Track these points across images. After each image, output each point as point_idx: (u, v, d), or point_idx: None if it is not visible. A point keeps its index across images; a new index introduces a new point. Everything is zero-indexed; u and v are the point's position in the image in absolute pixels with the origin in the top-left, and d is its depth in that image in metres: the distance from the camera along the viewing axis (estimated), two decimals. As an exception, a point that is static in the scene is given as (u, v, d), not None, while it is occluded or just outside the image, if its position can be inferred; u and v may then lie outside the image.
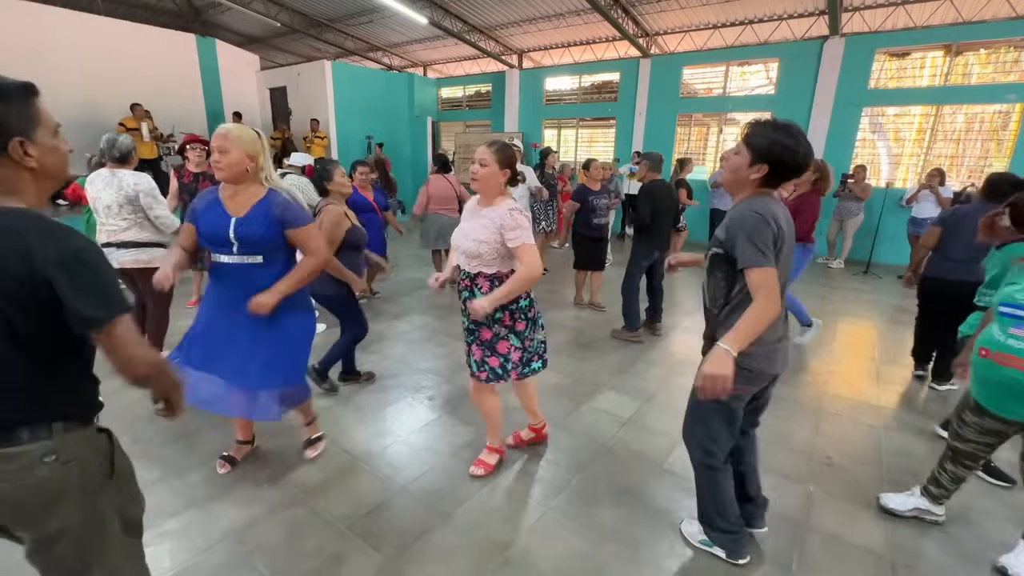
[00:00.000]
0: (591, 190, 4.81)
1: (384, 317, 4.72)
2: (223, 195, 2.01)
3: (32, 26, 8.61)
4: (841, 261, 7.61)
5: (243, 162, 1.94)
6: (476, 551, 1.97)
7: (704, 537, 2.00)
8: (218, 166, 1.93)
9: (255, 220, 1.96)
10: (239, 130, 1.95)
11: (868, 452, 2.74)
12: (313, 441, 2.56)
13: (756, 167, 1.62)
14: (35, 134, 1.01)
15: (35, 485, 1.01)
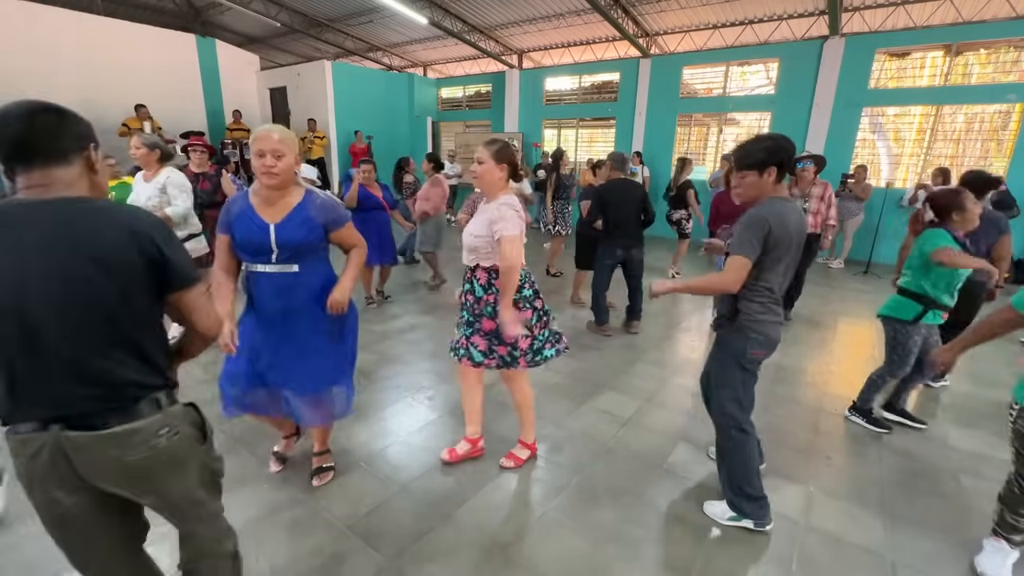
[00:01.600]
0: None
1: (384, 317, 4.72)
2: (255, 200, 1.87)
3: (32, 26, 8.61)
4: (841, 261, 7.61)
5: (294, 166, 1.84)
6: (476, 551, 1.97)
7: (732, 514, 2.13)
8: (272, 172, 1.78)
9: (295, 224, 1.86)
10: (285, 130, 1.83)
11: (868, 452, 2.74)
12: (324, 470, 2.37)
13: (767, 171, 1.90)
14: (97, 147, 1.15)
15: (157, 455, 1.14)
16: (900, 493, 2.39)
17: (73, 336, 1.04)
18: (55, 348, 1.04)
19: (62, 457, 1.06)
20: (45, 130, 1.05)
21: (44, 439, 1.05)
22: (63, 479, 1.08)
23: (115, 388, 1.09)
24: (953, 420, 3.11)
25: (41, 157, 1.05)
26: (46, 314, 1.02)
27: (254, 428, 2.70)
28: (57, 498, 1.09)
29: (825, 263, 7.65)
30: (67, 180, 1.07)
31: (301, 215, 1.87)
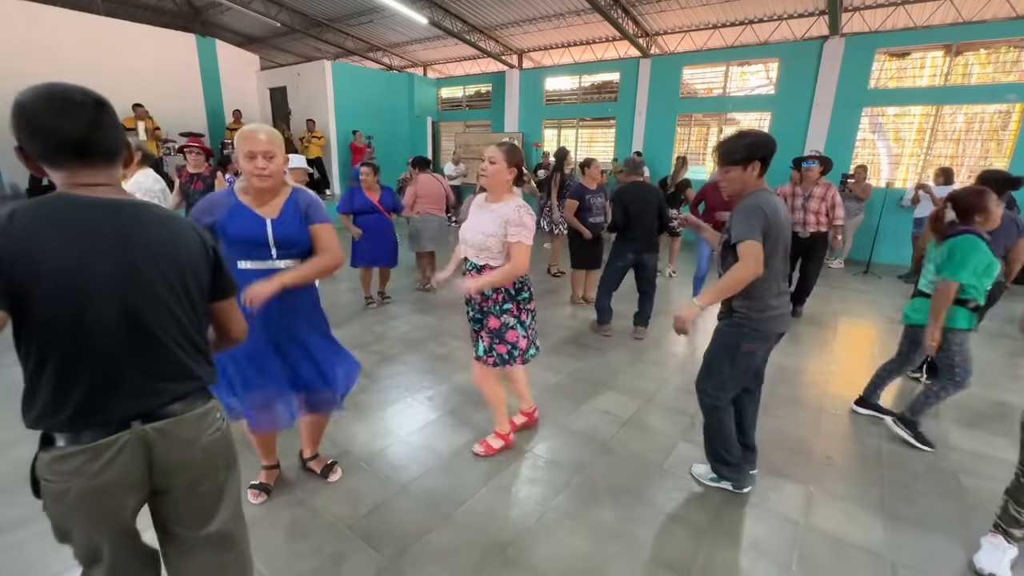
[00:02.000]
0: (588, 189, 4.83)
1: (384, 317, 4.72)
2: (245, 199, 1.84)
3: (32, 26, 8.61)
4: (841, 261, 7.61)
5: (283, 166, 1.83)
6: (476, 551, 1.97)
7: (713, 475, 2.37)
8: (264, 174, 1.76)
9: (289, 219, 1.85)
10: (272, 129, 1.82)
11: (868, 452, 2.74)
12: (331, 466, 2.39)
13: (751, 166, 2.00)
14: None
15: (224, 436, 1.22)
16: (900, 493, 2.39)
17: (169, 333, 1.09)
18: (155, 344, 1.07)
19: (142, 453, 1.08)
20: (110, 125, 1.04)
21: (126, 438, 1.05)
22: (135, 480, 1.08)
23: (190, 380, 1.15)
24: (953, 420, 3.10)
25: (104, 155, 1.04)
26: (148, 313, 1.05)
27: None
28: (124, 503, 1.09)
29: (825, 263, 7.64)
30: (117, 179, 1.09)
31: (291, 209, 1.87)
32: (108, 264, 1.00)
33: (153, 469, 1.10)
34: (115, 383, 1.04)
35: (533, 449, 2.68)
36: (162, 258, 1.07)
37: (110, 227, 1.01)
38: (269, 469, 2.30)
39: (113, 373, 1.03)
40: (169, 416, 1.10)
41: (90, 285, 0.99)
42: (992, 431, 2.98)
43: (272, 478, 2.30)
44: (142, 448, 1.07)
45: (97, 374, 1.02)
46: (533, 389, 3.36)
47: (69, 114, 0.97)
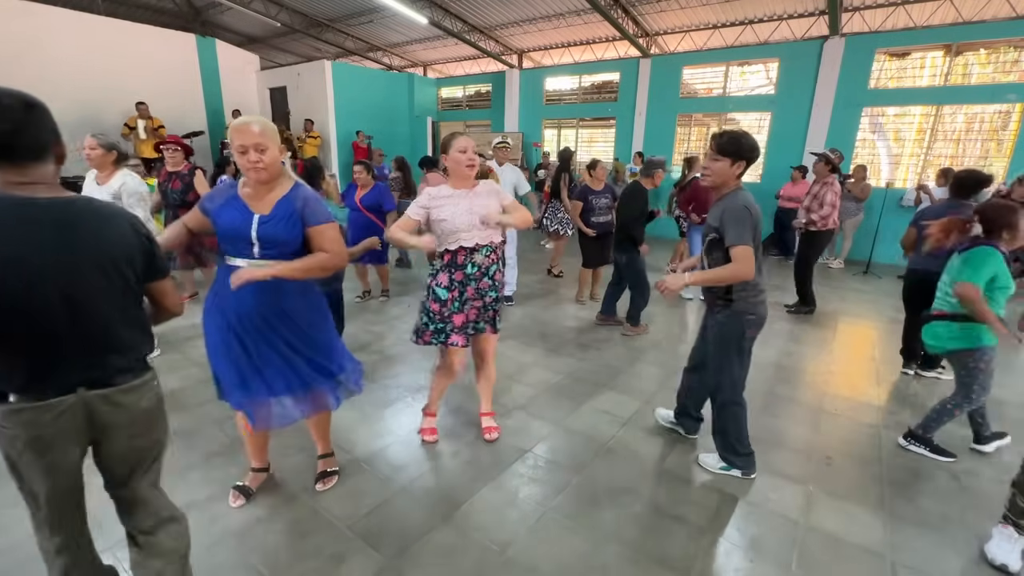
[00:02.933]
0: (592, 190, 4.88)
1: (384, 317, 4.72)
2: (243, 192, 1.81)
3: (32, 26, 8.60)
4: (841, 261, 7.62)
5: (279, 158, 1.76)
6: (476, 551, 1.97)
7: (723, 464, 2.48)
8: (259, 167, 1.71)
9: (280, 218, 1.77)
10: (265, 121, 1.75)
11: (868, 452, 2.74)
12: (328, 474, 2.34)
13: (738, 164, 2.18)
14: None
15: (159, 401, 1.42)
16: (900, 493, 2.39)
17: (107, 314, 1.25)
18: (94, 325, 1.23)
19: (84, 413, 1.24)
20: (37, 126, 1.13)
21: (70, 401, 1.22)
22: (79, 434, 1.26)
23: (132, 352, 1.33)
24: (953, 420, 3.09)
25: (31, 153, 1.13)
26: (87, 298, 1.20)
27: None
28: (68, 452, 1.26)
29: (825, 263, 7.65)
30: (48, 176, 1.19)
31: (286, 208, 1.78)
32: (48, 257, 1.14)
33: (93, 427, 1.28)
34: (59, 357, 1.21)
35: (533, 449, 2.68)
36: (96, 248, 1.21)
37: (47, 223, 1.14)
38: (256, 472, 2.27)
39: (57, 350, 1.20)
40: (112, 385, 1.28)
41: (32, 276, 1.12)
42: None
43: (256, 482, 2.26)
44: (84, 410, 1.24)
45: (43, 351, 1.19)
46: (533, 389, 3.36)
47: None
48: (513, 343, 4.13)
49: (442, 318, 2.40)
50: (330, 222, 1.88)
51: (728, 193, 2.23)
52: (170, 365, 3.50)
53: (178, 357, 3.66)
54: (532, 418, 2.99)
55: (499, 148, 4.97)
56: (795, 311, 5.11)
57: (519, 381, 3.46)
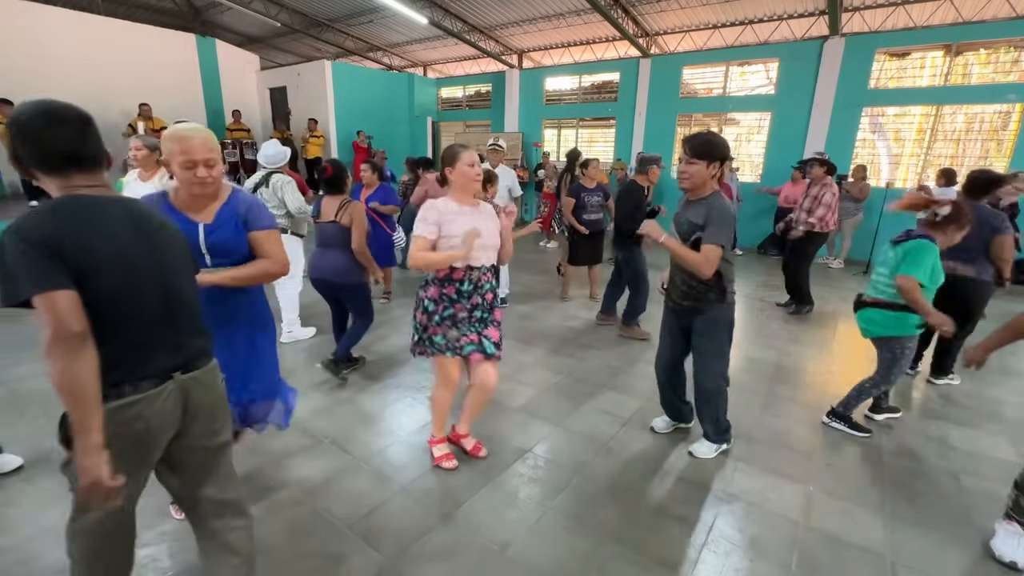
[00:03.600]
0: (585, 187, 4.97)
1: (386, 318, 4.72)
2: (176, 200, 1.71)
3: (32, 26, 8.61)
4: (841, 261, 7.62)
5: (222, 169, 1.71)
6: (476, 551, 1.97)
7: (715, 446, 2.61)
8: (207, 181, 1.64)
9: (225, 224, 1.72)
10: (207, 132, 1.67)
11: (868, 452, 2.74)
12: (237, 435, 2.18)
13: (713, 166, 2.26)
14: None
15: (223, 387, 1.48)
16: (900, 493, 2.39)
17: (191, 301, 1.37)
18: (184, 311, 1.34)
19: (182, 398, 1.31)
20: (96, 136, 1.23)
21: (172, 387, 1.28)
22: (176, 419, 1.32)
23: (205, 336, 1.42)
24: (953, 420, 3.10)
25: (95, 160, 1.23)
26: (176, 285, 1.32)
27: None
28: (165, 440, 1.32)
29: (825, 263, 7.65)
30: (105, 180, 1.28)
31: (229, 214, 1.73)
32: (142, 248, 1.24)
33: (186, 412, 1.33)
34: (159, 345, 1.28)
35: (533, 449, 2.68)
36: (171, 241, 1.33)
37: (130, 219, 1.24)
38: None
39: (159, 334, 1.28)
40: (200, 367, 1.36)
41: (134, 266, 1.22)
42: (992, 431, 2.98)
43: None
44: (181, 394, 1.31)
45: (149, 336, 1.26)
46: (533, 389, 3.36)
47: (63, 129, 1.17)
48: (513, 343, 4.13)
49: (428, 330, 2.31)
50: (273, 228, 1.83)
51: (712, 194, 2.30)
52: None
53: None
54: (532, 418, 2.99)
55: (492, 151, 4.96)
56: (795, 311, 5.12)
57: (519, 381, 3.46)
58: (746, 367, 3.84)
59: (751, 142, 9.38)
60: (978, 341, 2.02)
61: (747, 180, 8.96)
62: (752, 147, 9.33)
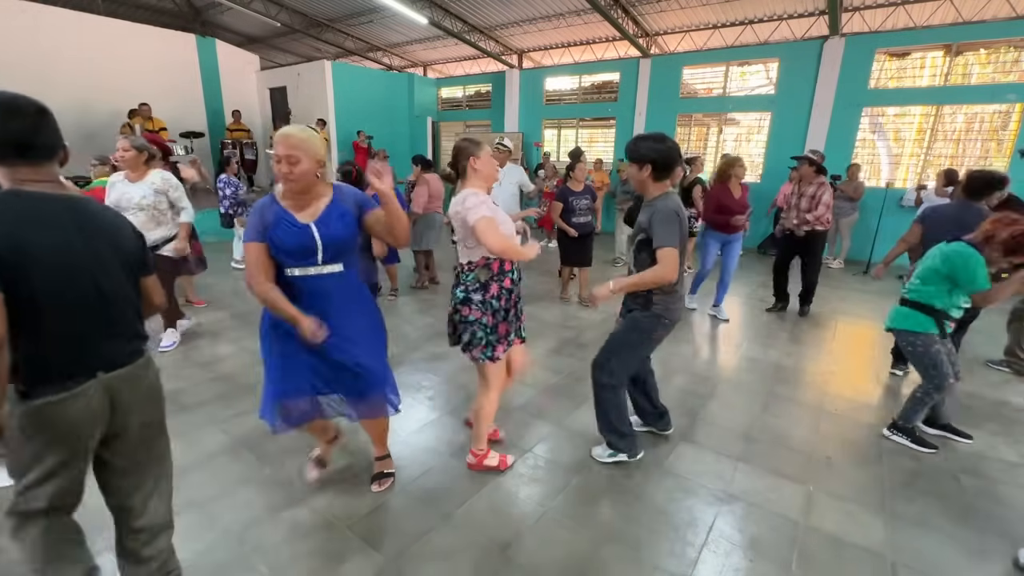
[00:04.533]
0: (572, 191, 5.01)
1: (388, 317, 4.71)
2: (285, 203, 1.83)
3: (32, 26, 8.61)
4: (841, 261, 7.61)
5: (313, 170, 1.78)
6: (476, 551, 1.97)
7: (610, 451, 2.54)
8: (290, 178, 1.75)
9: (334, 220, 1.83)
10: (305, 134, 1.77)
11: (868, 452, 2.74)
12: (384, 475, 2.35)
13: (644, 168, 2.21)
14: None
15: (159, 379, 1.51)
16: (900, 493, 2.39)
17: (125, 301, 1.38)
18: (116, 311, 1.34)
19: (107, 396, 1.33)
20: (49, 128, 1.24)
21: (94, 386, 1.29)
22: (102, 415, 1.33)
23: (138, 337, 1.44)
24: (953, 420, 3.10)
25: (45, 153, 1.24)
26: (112, 287, 1.32)
27: (255, 429, 2.70)
28: (93, 436, 1.33)
29: (825, 263, 7.64)
30: (55, 176, 1.29)
31: (338, 210, 1.86)
32: (81, 247, 1.25)
33: (113, 407, 1.35)
34: (89, 341, 1.30)
35: (533, 449, 2.68)
36: (112, 242, 1.34)
37: (70, 217, 1.25)
38: (330, 442, 2.38)
39: (88, 333, 1.29)
40: (125, 365, 1.37)
41: (70, 265, 1.23)
42: (992, 431, 2.98)
43: (329, 452, 2.41)
44: (105, 392, 1.32)
45: (78, 335, 1.27)
46: (533, 389, 3.36)
47: (14, 118, 1.18)
48: (513, 343, 4.14)
49: (498, 329, 2.26)
50: (379, 207, 1.97)
51: (658, 197, 2.26)
52: (171, 366, 3.50)
53: (179, 358, 3.67)
54: (532, 418, 2.99)
55: (497, 150, 4.95)
56: (806, 313, 5.03)
57: (519, 381, 3.46)
58: (746, 367, 3.84)
59: (751, 142, 9.37)
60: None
61: (747, 180, 8.93)
62: (752, 147, 9.32)
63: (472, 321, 2.21)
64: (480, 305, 2.20)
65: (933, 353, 2.65)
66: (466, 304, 2.22)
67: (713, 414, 3.10)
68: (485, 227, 2.05)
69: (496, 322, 2.24)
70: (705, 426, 2.96)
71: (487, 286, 2.21)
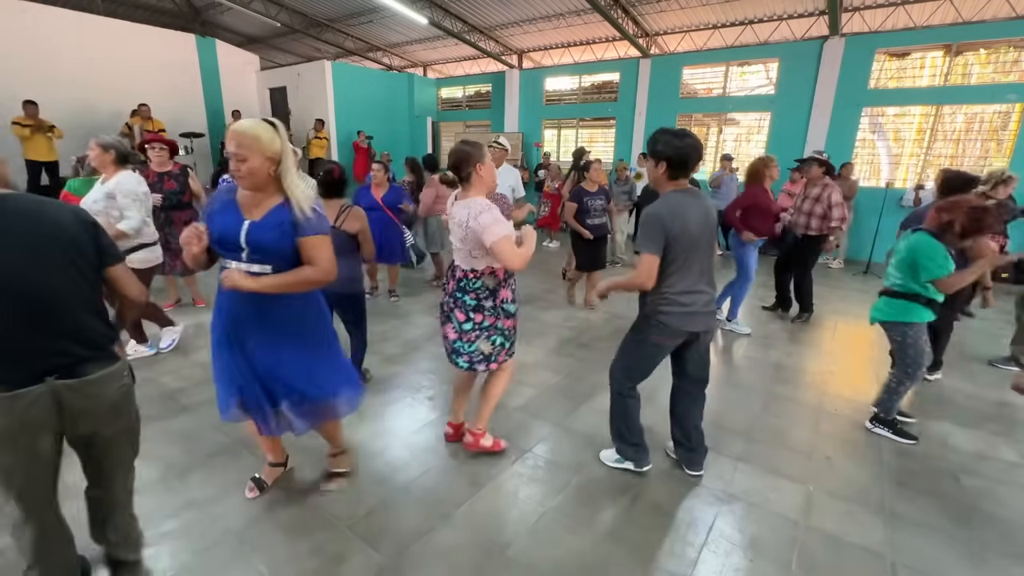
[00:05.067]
0: (587, 191, 4.90)
1: (385, 317, 4.72)
2: (240, 196, 1.80)
3: (32, 26, 8.60)
4: (840, 261, 7.61)
5: (264, 167, 1.68)
6: (476, 551, 1.97)
7: (617, 457, 2.50)
8: (239, 174, 1.69)
9: (270, 226, 1.73)
10: (255, 129, 1.67)
11: (868, 452, 2.74)
12: (336, 475, 2.34)
13: (660, 164, 2.10)
14: None
15: (125, 392, 1.48)
16: (900, 493, 2.39)
17: (68, 304, 1.31)
18: (55, 315, 1.29)
19: (54, 402, 1.30)
20: None
21: (40, 391, 1.27)
22: (49, 423, 1.32)
23: (96, 341, 1.38)
24: (953, 420, 3.10)
25: None
26: (46, 288, 1.27)
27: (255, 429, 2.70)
28: (41, 439, 1.33)
29: (825, 263, 7.65)
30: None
31: (279, 216, 1.74)
32: (12, 249, 1.21)
33: (64, 415, 1.34)
34: (25, 347, 1.26)
35: (533, 449, 2.68)
36: (46, 238, 1.28)
37: (10, 218, 1.22)
38: (272, 466, 2.31)
39: (22, 339, 1.26)
40: (80, 375, 1.33)
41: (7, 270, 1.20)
42: (992, 431, 2.98)
43: (272, 476, 2.31)
44: (53, 399, 1.30)
45: (11, 339, 1.24)
46: (533, 389, 3.36)
47: None
48: (513, 343, 4.13)
49: (515, 331, 2.37)
50: (324, 235, 1.80)
51: (665, 195, 2.14)
52: (171, 366, 3.50)
53: (179, 358, 3.66)
54: (532, 418, 2.99)
55: (495, 149, 4.88)
56: (805, 320, 4.93)
57: (519, 381, 3.46)
58: (746, 367, 3.84)
59: (751, 142, 9.38)
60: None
61: (747, 180, 8.95)
62: (752, 147, 9.32)
63: (487, 327, 2.26)
64: (492, 311, 2.26)
65: (921, 344, 2.74)
66: (479, 311, 2.25)
67: (713, 414, 3.09)
68: (505, 248, 2.06)
69: (512, 324, 2.36)
70: (705, 426, 2.95)
71: (496, 292, 2.26)
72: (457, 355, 2.36)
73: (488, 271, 2.23)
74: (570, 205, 4.89)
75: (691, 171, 2.13)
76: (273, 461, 2.31)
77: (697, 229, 2.08)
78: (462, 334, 2.30)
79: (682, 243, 2.06)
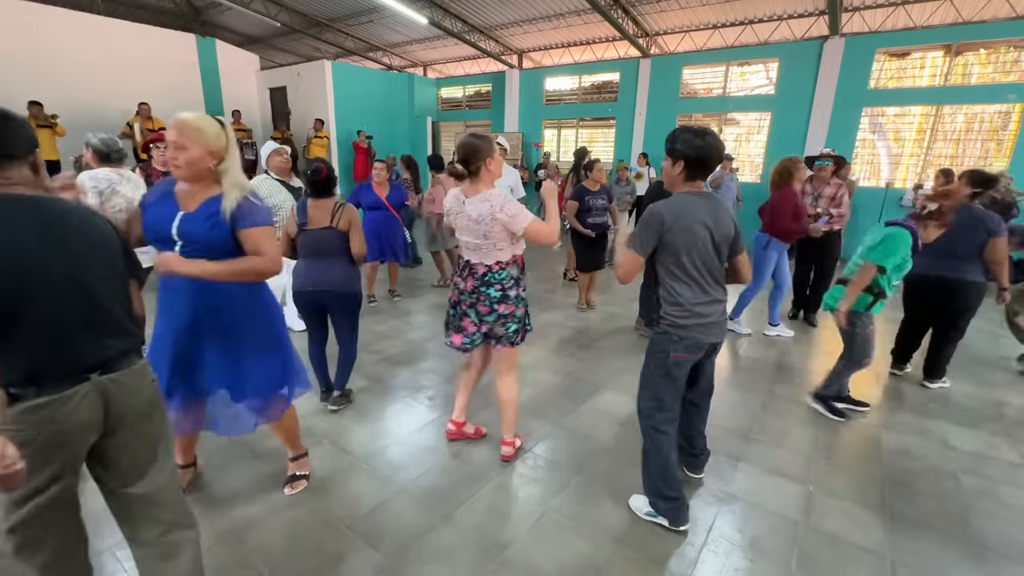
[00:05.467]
0: (589, 190, 4.87)
1: (385, 317, 4.72)
2: (178, 189, 1.76)
3: (32, 26, 8.61)
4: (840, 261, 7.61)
5: (204, 160, 1.67)
6: (476, 551, 1.97)
7: (649, 509, 2.17)
8: (175, 163, 1.67)
9: (202, 218, 1.69)
10: (199, 121, 1.68)
11: (868, 452, 2.74)
12: (296, 478, 2.29)
13: (677, 163, 1.96)
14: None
15: (157, 386, 1.45)
16: (900, 493, 2.39)
17: (111, 300, 1.33)
18: (101, 313, 1.30)
19: (101, 399, 1.28)
20: (11, 132, 1.24)
21: (87, 388, 1.25)
22: (96, 422, 1.28)
23: (130, 336, 1.38)
24: (953, 420, 3.10)
25: (7, 157, 1.22)
26: (95, 288, 1.29)
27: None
28: (85, 443, 1.29)
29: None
30: (26, 179, 1.27)
31: (212, 207, 1.69)
32: (50, 249, 1.21)
33: (108, 413, 1.30)
34: (71, 343, 1.25)
35: (533, 449, 2.68)
36: (93, 242, 1.30)
37: (39, 219, 1.22)
38: (182, 468, 2.23)
39: (70, 336, 1.24)
40: (120, 368, 1.32)
41: (37, 268, 1.19)
42: (992, 431, 2.98)
43: (184, 480, 2.22)
44: (100, 396, 1.28)
45: (54, 337, 1.22)
46: (533, 389, 3.36)
47: None
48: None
49: (529, 316, 2.47)
50: (267, 225, 1.76)
51: (675, 194, 2.02)
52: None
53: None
54: (532, 418, 2.99)
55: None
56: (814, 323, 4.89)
57: (519, 381, 3.45)
58: (746, 367, 3.84)
59: (751, 142, 9.38)
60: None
61: (747, 180, 8.96)
62: (752, 147, 9.33)
63: (507, 315, 2.32)
64: (515, 300, 2.32)
65: (869, 333, 2.90)
66: (503, 302, 2.30)
67: (713, 414, 3.08)
68: (538, 228, 2.18)
69: (526, 310, 2.42)
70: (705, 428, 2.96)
71: (519, 281, 2.34)
72: (472, 342, 2.41)
73: (513, 260, 2.29)
74: (572, 204, 4.86)
75: (710, 172, 2.01)
76: (185, 463, 2.24)
77: (705, 232, 1.90)
78: (482, 324, 2.34)
79: (684, 248, 1.90)
